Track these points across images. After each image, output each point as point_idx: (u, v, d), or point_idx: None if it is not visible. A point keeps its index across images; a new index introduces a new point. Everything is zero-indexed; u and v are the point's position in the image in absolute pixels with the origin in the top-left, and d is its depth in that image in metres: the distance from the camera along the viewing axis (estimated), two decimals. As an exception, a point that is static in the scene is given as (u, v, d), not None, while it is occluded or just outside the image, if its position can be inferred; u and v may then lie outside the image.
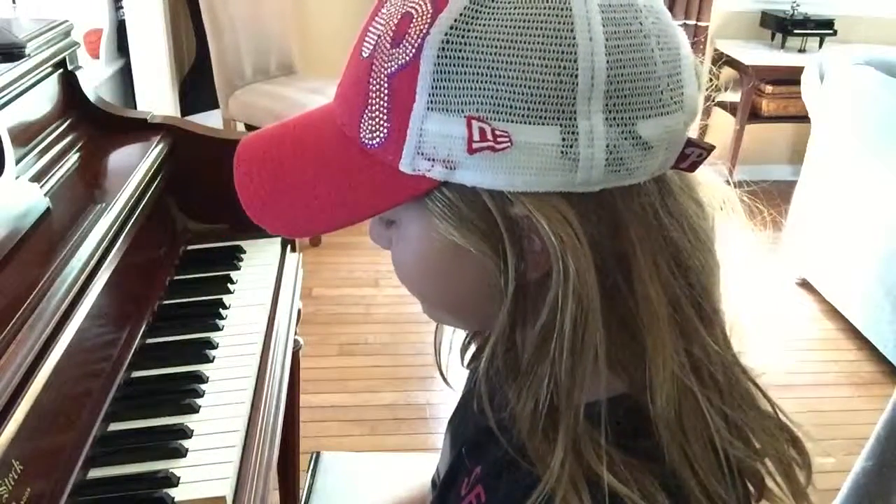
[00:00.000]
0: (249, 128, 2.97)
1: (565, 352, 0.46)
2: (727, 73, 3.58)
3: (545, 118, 0.42)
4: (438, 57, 0.43)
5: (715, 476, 0.47)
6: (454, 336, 0.65)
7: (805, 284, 2.79)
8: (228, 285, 1.20)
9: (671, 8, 3.43)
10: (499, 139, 0.43)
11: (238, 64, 2.95)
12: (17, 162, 0.99)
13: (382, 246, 0.54)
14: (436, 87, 0.43)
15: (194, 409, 0.95)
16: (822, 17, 3.47)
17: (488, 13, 0.42)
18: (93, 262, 0.94)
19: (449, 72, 0.43)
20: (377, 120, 0.46)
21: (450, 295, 0.53)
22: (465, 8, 0.42)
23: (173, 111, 3.00)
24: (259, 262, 1.28)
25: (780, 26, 3.48)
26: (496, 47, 0.42)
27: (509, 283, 0.47)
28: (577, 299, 0.45)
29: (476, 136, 0.43)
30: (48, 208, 0.98)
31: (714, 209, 0.52)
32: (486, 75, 0.42)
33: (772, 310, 2.69)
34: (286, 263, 1.31)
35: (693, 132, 0.48)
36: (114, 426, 0.92)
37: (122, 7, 2.65)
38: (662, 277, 0.47)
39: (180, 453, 0.87)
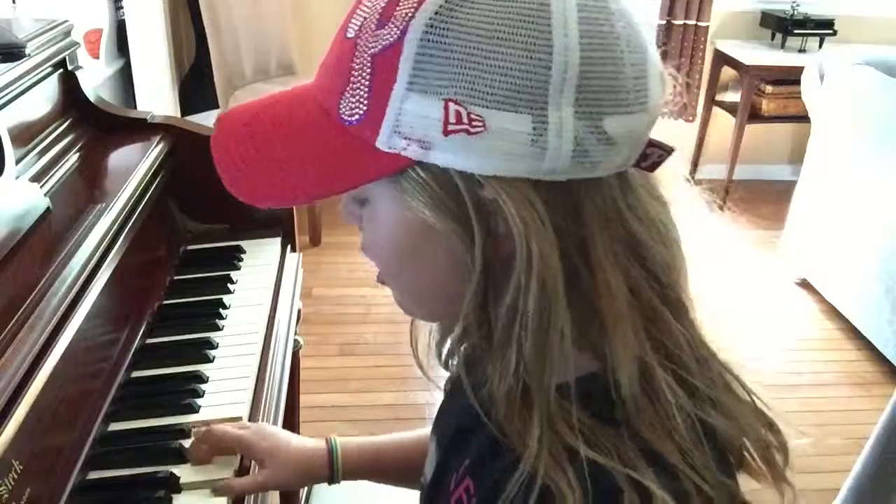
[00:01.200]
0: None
1: (530, 332, 0.48)
2: (727, 73, 3.58)
3: (518, 106, 0.44)
4: (421, 40, 0.44)
5: (692, 441, 0.49)
6: (431, 338, 0.67)
7: (805, 284, 2.79)
8: (228, 285, 1.20)
9: (671, 8, 3.43)
10: (473, 123, 0.44)
11: (238, 64, 2.95)
12: (17, 162, 0.99)
13: (353, 223, 0.56)
14: (417, 69, 0.45)
15: (194, 409, 0.94)
16: (822, 17, 3.47)
17: (472, 2, 0.44)
18: (93, 262, 0.94)
19: (430, 55, 0.45)
20: (358, 97, 0.48)
21: (418, 276, 0.55)
22: None
23: (173, 111, 3.00)
24: (259, 262, 1.28)
25: (780, 26, 3.48)
26: (477, 35, 0.44)
27: (475, 262, 0.49)
28: (540, 281, 0.47)
29: (452, 119, 0.45)
30: (48, 208, 0.98)
31: (675, 205, 0.54)
32: (466, 61, 0.44)
33: (772, 310, 2.69)
34: (286, 263, 1.31)
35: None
36: (114, 426, 0.92)
37: (122, 7, 2.65)
38: (621, 265, 0.49)
39: (180, 453, 0.87)
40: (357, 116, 0.48)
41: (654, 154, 0.49)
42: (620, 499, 0.46)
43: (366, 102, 0.47)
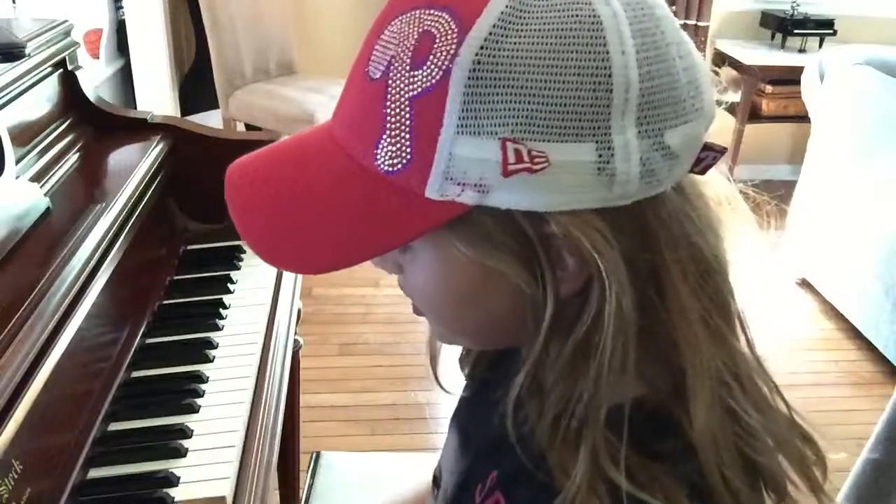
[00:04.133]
0: (249, 127, 2.97)
1: (605, 368, 0.45)
2: (727, 73, 3.58)
3: (581, 135, 0.41)
4: (469, 79, 0.41)
5: (742, 481, 0.47)
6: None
7: (805, 284, 2.79)
8: (228, 285, 1.20)
9: (671, 8, 3.43)
10: (535, 160, 0.41)
11: (238, 64, 2.95)
12: (17, 162, 0.99)
13: (388, 271, 0.52)
14: (466, 110, 0.41)
15: (194, 409, 0.94)
16: (822, 17, 3.47)
17: (518, 30, 0.41)
18: (93, 262, 0.94)
19: (480, 93, 0.41)
20: (398, 145, 0.43)
21: (476, 319, 0.52)
22: (494, 26, 0.41)
23: (173, 111, 3.00)
24: (259, 261, 1.27)
25: (780, 26, 3.48)
26: (529, 65, 0.41)
27: (548, 305, 0.45)
28: (616, 317, 0.44)
29: (511, 159, 0.41)
30: (48, 208, 0.98)
31: (720, 207, 0.51)
32: (520, 95, 0.41)
33: (772, 310, 2.69)
34: (286, 263, 1.31)
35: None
36: (114, 426, 0.92)
37: (122, 7, 2.65)
38: (691, 286, 0.46)
39: (180, 453, 0.87)
40: (400, 166, 0.43)
41: (709, 157, 0.47)
42: None
43: (409, 150, 0.43)
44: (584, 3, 0.41)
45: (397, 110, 0.43)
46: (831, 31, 3.45)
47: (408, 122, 0.43)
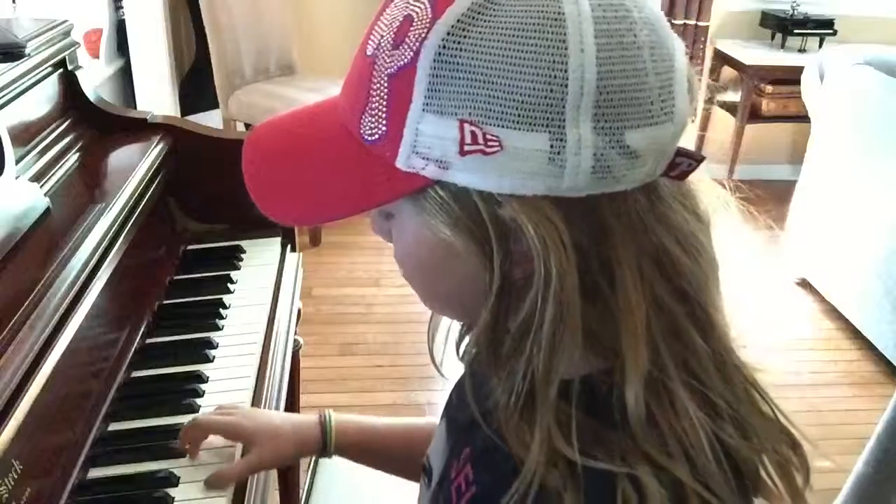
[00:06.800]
0: (249, 127, 2.97)
1: (543, 348, 0.47)
2: (727, 73, 3.58)
3: (535, 125, 0.43)
4: (435, 61, 0.44)
5: (710, 459, 0.48)
6: (451, 328, 0.66)
7: (805, 284, 2.79)
8: (228, 285, 1.20)
9: (671, 8, 3.43)
10: (489, 143, 0.44)
11: (238, 64, 2.95)
12: (17, 162, 0.99)
13: (384, 238, 0.56)
14: (431, 90, 0.45)
15: (194, 409, 0.94)
16: (822, 17, 3.48)
17: (484, 21, 0.44)
18: (93, 262, 0.94)
19: (444, 76, 0.44)
20: (377, 117, 0.48)
21: (441, 289, 0.56)
22: (462, 14, 0.44)
23: (173, 111, 3.00)
24: (259, 262, 1.28)
25: (780, 26, 3.48)
26: (490, 54, 0.43)
27: (494, 282, 0.48)
28: (556, 301, 0.46)
29: (468, 140, 0.44)
30: (48, 208, 0.98)
31: (711, 213, 0.52)
32: (480, 81, 0.44)
33: (772, 310, 2.69)
34: (286, 263, 1.31)
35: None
36: (114, 426, 0.92)
37: (122, 7, 2.65)
38: (646, 281, 0.48)
39: (180, 453, 0.87)
40: (377, 135, 0.48)
41: (684, 163, 0.48)
42: (615, 495, 0.46)
43: (385, 122, 0.47)
44: (552, 0, 0.44)
45: (378, 85, 0.47)
46: (831, 31, 3.46)
47: (385, 97, 0.47)
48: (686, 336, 0.50)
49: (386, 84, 0.47)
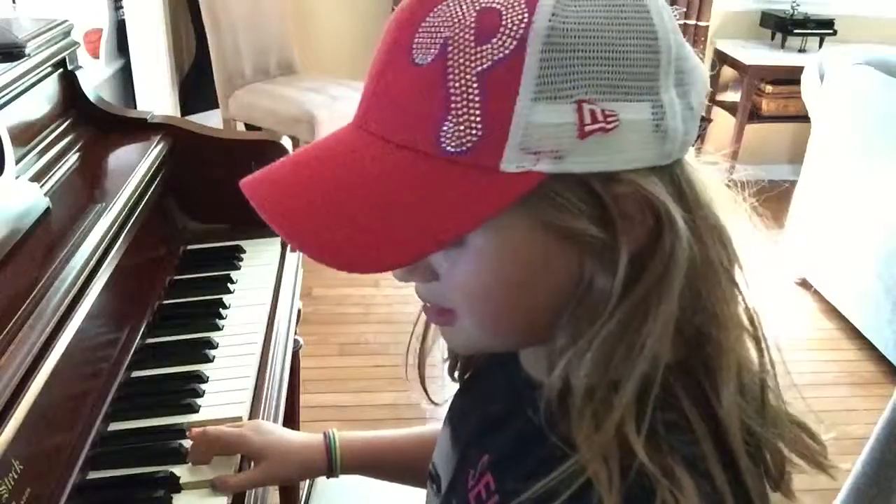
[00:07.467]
0: (249, 127, 2.97)
1: (658, 335, 0.46)
2: (727, 72, 3.58)
3: (640, 94, 0.44)
4: (545, 44, 0.42)
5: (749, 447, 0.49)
6: (447, 352, 0.67)
7: (805, 284, 2.79)
8: (228, 285, 1.20)
9: (672, 8, 3.43)
10: (609, 119, 0.43)
11: (238, 64, 2.95)
12: (17, 162, 0.99)
13: (418, 280, 0.51)
14: (543, 76, 0.43)
15: (194, 409, 0.94)
16: (822, 17, 3.47)
17: None
18: (93, 262, 0.94)
19: (556, 58, 0.43)
20: (467, 122, 0.43)
21: (520, 313, 0.50)
22: None
23: (173, 111, 3.01)
24: (259, 262, 1.28)
25: (780, 26, 3.48)
26: (595, 28, 0.43)
27: (621, 260, 0.46)
28: (691, 259, 0.46)
29: (588, 119, 0.43)
30: (48, 208, 0.98)
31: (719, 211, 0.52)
32: (591, 57, 0.43)
33: (771, 310, 2.68)
34: (286, 263, 1.31)
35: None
36: (114, 426, 0.92)
37: (122, 7, 2.65)
38: (715, 246, 0.49)
39: (180, 453, 0.87)
40: (470, 143, 0.43)
41: (701, 126, 0.50)
42: (653, 500, 0.45)
43: (479, 125, 0.43)
44: None
45: (462, 87, 0.43)
46: (831, 31, 3.46)
47: (476, 98, 0.43)
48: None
49: (476, 84, 0.43)
